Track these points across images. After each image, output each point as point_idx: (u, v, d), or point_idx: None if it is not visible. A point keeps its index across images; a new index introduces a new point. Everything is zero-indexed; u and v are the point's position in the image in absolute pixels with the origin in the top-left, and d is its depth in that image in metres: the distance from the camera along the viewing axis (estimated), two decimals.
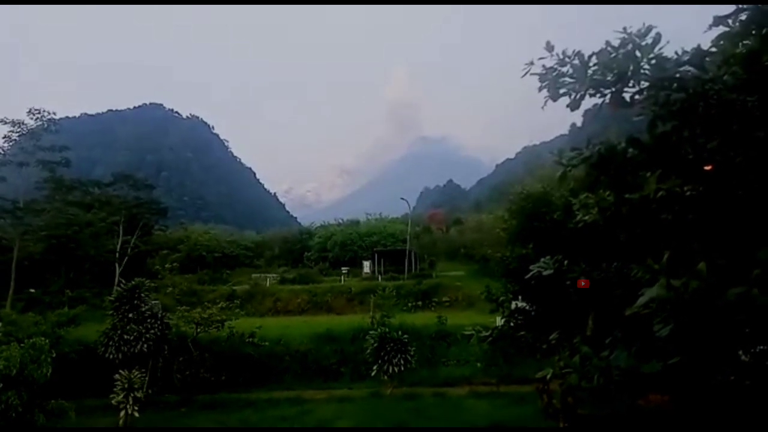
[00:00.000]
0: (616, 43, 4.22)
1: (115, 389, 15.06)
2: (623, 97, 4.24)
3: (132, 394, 15.02)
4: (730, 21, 4.08)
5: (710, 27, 4.13)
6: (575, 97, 4.31)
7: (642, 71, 4.13)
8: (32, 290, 37.51)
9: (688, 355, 3.62)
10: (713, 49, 4.23)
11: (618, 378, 3.84)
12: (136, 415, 14.94)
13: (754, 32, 4.04)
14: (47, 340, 11.72)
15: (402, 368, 17.28)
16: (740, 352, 3.91)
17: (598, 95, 4.29)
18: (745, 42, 4.10)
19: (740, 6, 4.00)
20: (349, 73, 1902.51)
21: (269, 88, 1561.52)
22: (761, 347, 3.80)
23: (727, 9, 4.09)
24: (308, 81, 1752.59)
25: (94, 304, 32.09)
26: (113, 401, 14.98)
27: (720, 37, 4.18)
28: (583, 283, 6.50)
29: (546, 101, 4.46)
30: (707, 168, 4.32)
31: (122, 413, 14.92)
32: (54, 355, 11.58)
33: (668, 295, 3.35)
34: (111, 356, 16.91)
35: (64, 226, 40.22)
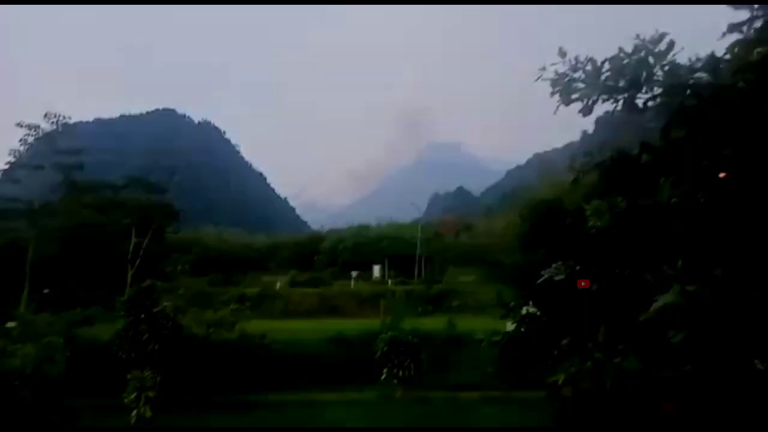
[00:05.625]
0: (629, 49, 4.24)
1: (127, 389, 15.21)
2: (636, 103, 4.25)
3: (144, 394, 15.16)
4: (744, 28, 4.09)
5: (724, 34, 4.14)
6: (587, 102, 4.33)
7: (655, 77, 4.14)
8: (46, 291, 37.99)
9: (702, 362, 3.62)
10: (727, 56, 4.23)
11: (630, 384, 3.84)
12: (148, 414, 15.08)
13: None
14: (61, 340, 11.89)
15: (412, 372, 17.24)
16: (756, 361, 3.89)
17: (611, 101, 4.31)
18: (758, 50, 4.11)
19: (755, 14, 4.00)
20: (357, 76, 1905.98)
21: (277, 91, 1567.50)
22: None
23: (741, 16, 4.10)
24: (316, 83, 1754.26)
25: (107, 304, 32.39)
26: (126, 401, 15.12)
27: (734, 44, 4.18)
28: (583, 284, 6.48)
29: (558, 107, 4.48)
30: (722, 175, 4.31)
31: (134, 413, 15.06)
32: (68, 354, 11.74)
33: (682, 301, 3.36)
34: (124, 356, 17.06)
35: (77, 228, 40.73)
